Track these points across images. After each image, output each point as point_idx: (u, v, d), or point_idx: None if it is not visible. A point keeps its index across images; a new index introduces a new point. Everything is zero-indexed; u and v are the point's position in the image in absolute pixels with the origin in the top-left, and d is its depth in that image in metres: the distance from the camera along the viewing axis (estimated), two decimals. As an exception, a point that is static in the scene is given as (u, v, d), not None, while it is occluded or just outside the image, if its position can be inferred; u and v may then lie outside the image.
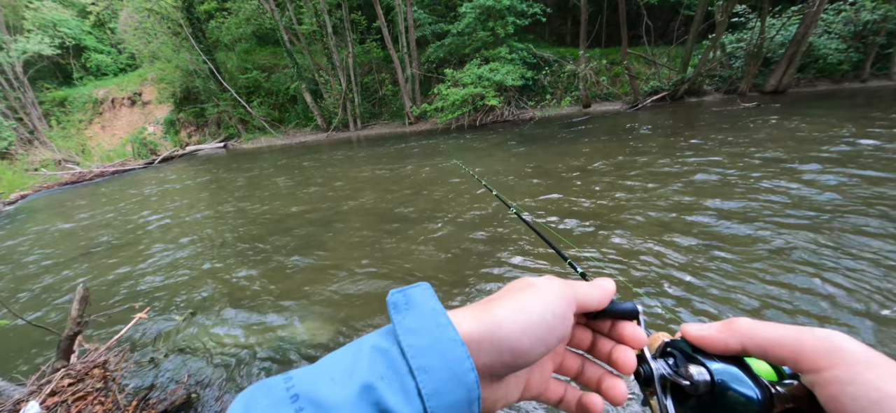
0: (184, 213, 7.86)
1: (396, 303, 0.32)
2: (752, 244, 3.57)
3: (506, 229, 4.56)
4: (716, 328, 0.35)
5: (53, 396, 2.48)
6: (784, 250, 3.39)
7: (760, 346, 0.32)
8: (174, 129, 20.09)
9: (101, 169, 15.88)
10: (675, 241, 3.79)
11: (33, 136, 20.28)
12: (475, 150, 10.22)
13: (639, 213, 4.55)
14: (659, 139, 8.43)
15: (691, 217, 4.30)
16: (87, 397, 2.51)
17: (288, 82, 18.71)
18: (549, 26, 17.18)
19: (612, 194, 5.30)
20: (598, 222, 4.45)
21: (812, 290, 2.85)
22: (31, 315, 4.17)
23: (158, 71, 19.41)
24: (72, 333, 2.86)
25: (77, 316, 2.88)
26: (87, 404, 2.45)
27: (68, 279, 5.17)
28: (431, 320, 0.31)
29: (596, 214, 4.73)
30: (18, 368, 3.37)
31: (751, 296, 2.88)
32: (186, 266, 4.89)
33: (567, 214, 4.84)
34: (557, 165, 7.33)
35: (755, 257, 3.35)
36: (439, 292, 3.48)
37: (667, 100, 13.51)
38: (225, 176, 11.62)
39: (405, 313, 0.31)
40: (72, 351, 2.92)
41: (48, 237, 7.49)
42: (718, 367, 0.34)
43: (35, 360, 3.48)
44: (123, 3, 20.12)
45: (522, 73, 14.26)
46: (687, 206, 4.63)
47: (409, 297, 0.33)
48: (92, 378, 2.70)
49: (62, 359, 2.85)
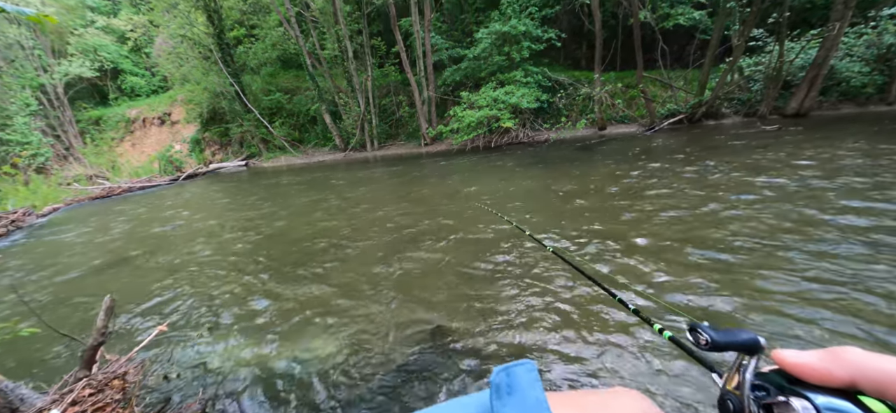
0: (202, 229, 8.10)
1: (499, 385, 0.30)
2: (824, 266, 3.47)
3: (528, 257, 4.53)
4: (817, 356, 0.30)
5: (74, 406, 2.53)
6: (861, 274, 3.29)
7: (876, 381, 0.27)
8: (199, 148, 20.87)
9: (129, 184, 16.55)
10: (726, 267, 3.72)
11: (69, 153, 21.35)
12: (489, 170, 10.30)
13: (670, 235, 4.48)
14: (679, 160, 8.35)
15: (737, 241, 4.22)
16: (105, 409, 2.54)
17: (309, 104, 19.36)
18: (564, 51, 17.45)
19: (637, 216, 5.26)
20: (624, 247, 4.39)
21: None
22: (37, 322, 4.30)
23: (188, 92, 20.37)
24: (96, 344, 2.91)
25: (102, 326, 2.92)
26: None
27: (90, 289, 5.35)
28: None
29: (620, 237, 4.68)
30: (38, 375, 3.46)
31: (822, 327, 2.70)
32: (204, 282, 4.99)
33: (590, 237, 4.80)
34: (574, 186, 7.32)
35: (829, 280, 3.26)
36: (460, 324, 3.47)
37: (684, 122, 13.44)
38: (244, 194, 11.95)
39: (507, 401, 0.29)
40: (94, 361, 2.98)
41: (75, 248, 7.79)
42: (825, 402, 0.28)
43: (50, 363, 3.58)
44: (160, 30, 21.34)
45: (537, 96, 14.44)
46: (724, 227, 4.56)
47: (513, 379, 0.31)
48: (111, 389, 2.75)
49: (84, 368, 2.90)
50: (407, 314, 3.56)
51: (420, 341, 3.15)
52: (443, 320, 3.39)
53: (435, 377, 2.74)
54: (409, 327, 3.36)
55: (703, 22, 14.56)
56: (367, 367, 2.93)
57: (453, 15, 19.07)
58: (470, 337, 3.11)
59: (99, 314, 2.89)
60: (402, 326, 3.38)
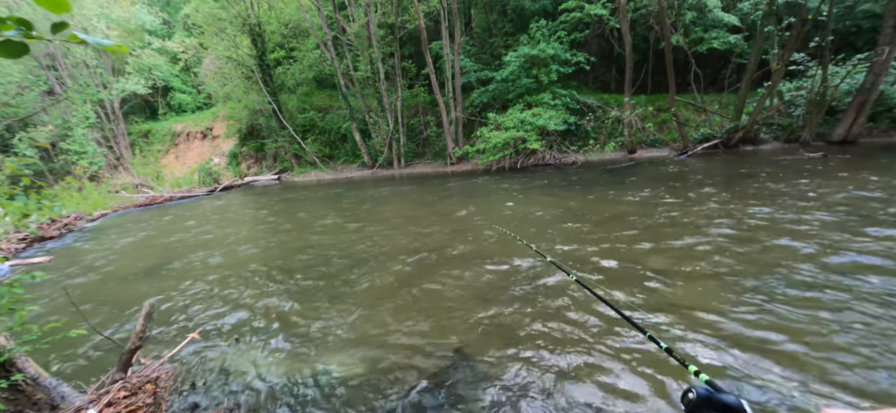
0: (234, 239, 8.43)
1: None
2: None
3: (551, 285, 4.46)
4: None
5: (109, 407, 2.66)
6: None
7: None
8: (236, 161, 21.93)
9: (170, 194, 17.54)
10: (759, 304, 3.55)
11: (119, 163, 22.93)
12: (514, 191, 10.25)
13: (702, 267, 4.30)
14: (713, 186, 8.05)
15: (773, 276, 4.02)
16: (137, 411, 2.67)
17: (340, 122, 20.07)
18: (593, 74, 17.36)
19: (665, 244, 5.09)
20: (660, 280, 4.25)
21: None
22: (85, 325, 4.56)
23: (229, 109, 21.59)
24: (133, 347, 3.05)
25: (140, 331, 3.07)
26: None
27: (129, 292, 5.65)
28: None
29: (655, 269, 4.54)
30: (73, 372, 3.66)
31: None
32: (233, 291, 5.17)
33: (622, 265, 4.68)
34: (601, 211, 7.17)
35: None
36: (481, 351, 3.44)
37: (719, 148, 12.97)
38: (276, 206, 12.41)
39: None
40: (130, 364, 3.11)
41: (118, 252, 8.29)
42: None
43: (87, 361, 3.78)
44: (208, 51, 22.87)
45: (565, 118, 14.37)
46: (765, 261, 4.35)
47: None
48: (144, 393, 2.86)
49: (121, 371, 3.04)
50: (427, 335, 3.56)
51: (440, 363, 3.14)
52: (464, 345, 3.36)
53: (455, 401, 2.71)
54: (429, 349, 3.35)
55: (739, 46, 14.17)
56: (385, 387, 2.93)
57: (482, 38, 19.45)
58: (493, 366, 3.07)
59: (138, 319, 3.05)
60: (423, 348, 3.38)
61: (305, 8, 18.74)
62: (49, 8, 0.93)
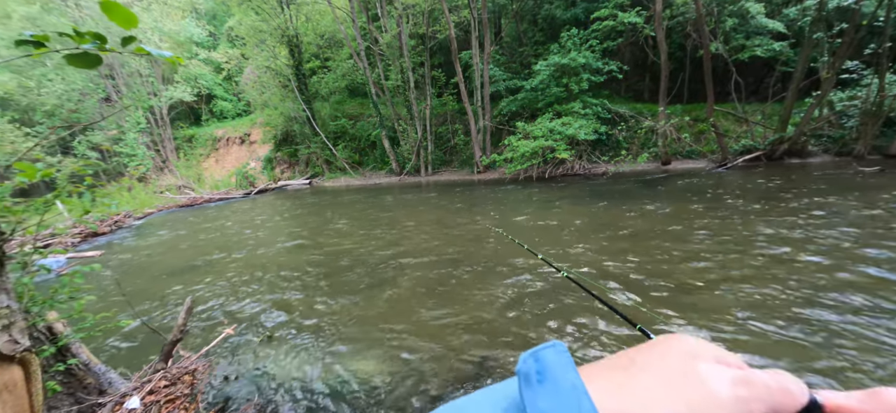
0: (267, 240, 8.75)
1: (527, 373, 0.26)
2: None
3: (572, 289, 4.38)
4: (858, 397, 0.29)
5: (151, 395, 2.80)
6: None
7: None
8: (271, 166, 22.85)
9: (209, 195, 18.49)
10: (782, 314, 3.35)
11: (165, 165, 24.40)
12: (541, 202, 10.11)
13: (744, 293, 4.10)
14: (756, 200, 7.64)
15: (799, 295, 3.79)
16: (176, 401, 2.79)
17: (370, 129, 20.57)
18: (626, 82, 16.95)
19: (712, 265, 4.88)
20: (681, 291, 4.09)
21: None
22: (133, 314, 4.85)
23: (266, 116, 22.61)
24: (175, 340, 3.20)
25: (182, 324, 3.21)
26: (174, 407, 2.73)
27: (170, 286, 5.97)
28: (572, 401, 0.24)
29: (672, 280, 4.37)
30: (105, 359, 3.88)
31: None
32: (267, 290, 5.37)
33: (655, 283, 4.53)
34: (631, 223, 6.96)
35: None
36: (506, 347, 3.42)
37: (762, 160, 12.30)
38: (307, 210, 12.80)
39: (538, 389, 0.25)
40: (171, 356, 3.26)
41: (162, 248, 8.79)
42: None
43: (114, 348, 4.01)
44: (249, 62, 24.11)
45: (596, 128, 14.09)
46: (816, 284, 4.10)
47: (543, 364, 0.26)
48: (182, 383, 3.00)
49: (162, 361, 3.19)
50: (452, 344, 3.55)
51: (465, 374, 3.13)
52: (490, 357, 3.34)
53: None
54: (454, 358, 3.35)
55: (785, 53, 13.44)
56: (410, 393, 2.95)
57: (512, 48, 19.45)
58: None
59: (180, 313, 3.23)
60: (448, 356, 3.38)
61: (340, 20, 19.43)
62: (119, 23, 1.02)
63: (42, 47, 0.97)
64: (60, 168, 3.56)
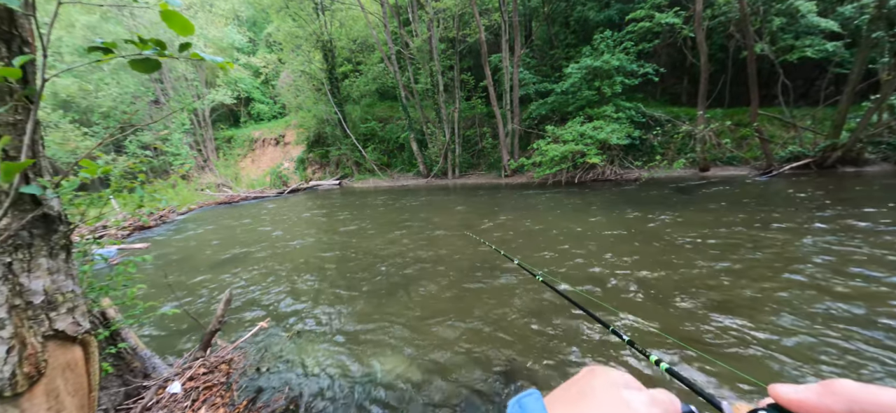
0: (298, 237, 9.03)
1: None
2: None
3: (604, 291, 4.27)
4: (814, 391, 0.31)
5: (191, 381, 2.95)
6: None
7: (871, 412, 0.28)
8: (303, 166, 23.60)
9: (245, 194, 19.31)
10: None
11: (206, 164, 25.70)
12: (569, 208, 9.90)
13: (791, 321, 3.87)
14: (806, 211, 7.17)
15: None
16: (213, 388, 2.92)
17: (399, 132, 20.88)
18: (662, 85, 16.36)
19: (743, 279, 4.63)
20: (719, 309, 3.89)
21: None
22: (178, 305, 5.11)
23: (300, 118, 23.41)
24: (214, 330, 3.36)
25: (220, 315, 3.37)
26: (211, 394, 2.84)
27: (209, 278, 6.26)
28: None
29: (739, 311, 4.17)
30: (151, 345, 4.09)
31: None
32: (298, 286, 5.54)
33: (697, 304, 4.35)
34: (665, 233, 6.69)
35: None
36: (530, 362, 3.37)
37: (812, 168, 11.51)
38: (338, 210, 13.12)
39: None
40: (210, 345, 3.44)
41: (202, 242, 9.25)
42: None
43: (150, 335, 4.22)
44: (285, 66, 25.08)
45: (629, 132, 13.66)
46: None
47: (525, 410, 0.34)
48: (219, 372, 3.14)
49: (201, 350, 3.36)
50: (477, 346, 3.54)
51: (488, 377, 3.11)
52: (515, 359, 3.30)
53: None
54: (478, 358, 3.34)
55: (839, 54, 12.54)
56: (433, 394, 2.97)
57: (543, 50, 19.22)
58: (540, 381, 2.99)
59: (220, 304, 3.40)
60: (473, 359, 3.37)
61: (373, 25, 19.87)
62: (177, 31, 1.10)
63: (110, 53, 1.05)
64: (115, 165, 3.86)
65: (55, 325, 1.23)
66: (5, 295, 1.11)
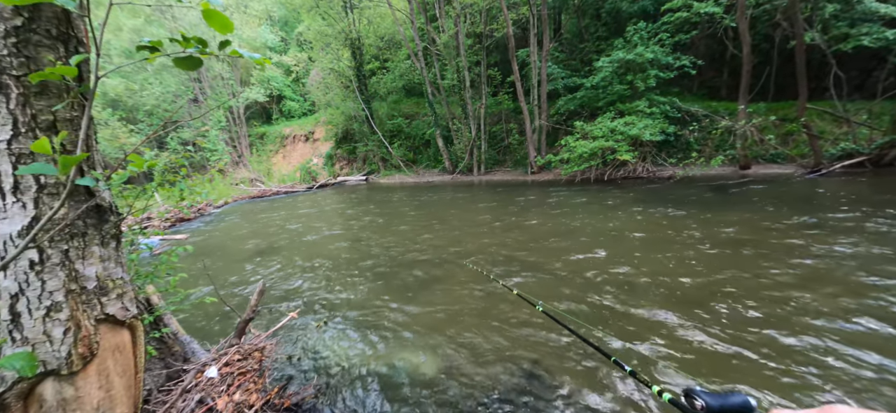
0: (327, 231, 9.24)
1: None
2: None
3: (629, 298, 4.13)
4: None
5: (226, 366, 3.07)
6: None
7: None
8: (331, 162, 24.15)
9: (276, 189, 19.99)
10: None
11: (240, 160, 26.75)
12: (598, 207, 9.64)
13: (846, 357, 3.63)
14: (864, 215, 6.68)
15: None
16: (246, 374, 2.99)
17: (425, 128, 20.98)
18: (700, 78, 15.61)
19: (788, 293, 4.37)
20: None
21: None
22: (213, 292, 5.33)
23: (329, 115, 23.96)
24: (248, 318, 3.49)
25: (255, 305, 3.49)
26: (245, 379, 2.92)
27: (243, 269, 6.51)
28: None
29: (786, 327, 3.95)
30: (189, 331, 4.27)
31: None
32: (327, 280, 5.67)
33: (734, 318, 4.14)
34: (704, 236, 6.40)
35: None
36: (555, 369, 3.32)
37: (866, 166, 10.68)
38: (365, 205, 13.34)
39: None
40: (244, 333, 3.62)
41: (233, 235, 9.63)
42: None
43: (206, 323, 4.41)
44: (315, 64, 25.71)
45: (663, 128, 13.13)
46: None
47: None
48: (252, 359, 3.24)
49: (236, 337, 3.51)
50: (500, 347, 3.52)
51: (509, 377, 3.08)
52: (539, 361, 3.26)
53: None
54: (502, 360, 3.31)
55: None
56: (457, 390, 2.97)
57: (572, 44, 18.75)
58: (566, 386, 2.92)
59: (254, 294, 3.53)
60: (496, 359, 3.35)
61: (400, 22, 20.00)
62: (217, 29, 1.13)
63: (156, 51, 1.10)
64: (158, 160, 4.14)
65: (106, 309, 1.30)
66: (62, 280, 1.19)
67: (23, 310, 1.16)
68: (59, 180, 1.18)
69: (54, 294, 1.18)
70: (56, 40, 1.15)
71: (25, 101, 1.10)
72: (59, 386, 1.22)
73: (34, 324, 1.16)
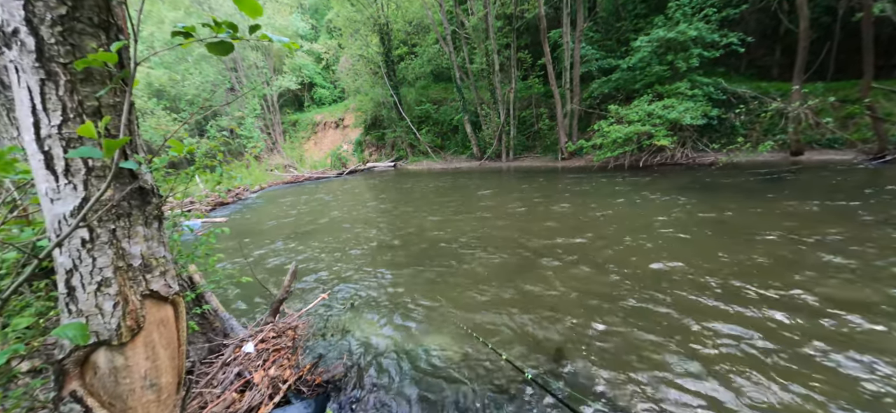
0: (357, 216, 9.42)
1: None
2: None
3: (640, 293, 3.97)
4: None
5: (262, 343, 3.22)
6: None
7: None
8: (361, 148, 24.53)
9: (308, 174, 20.59)
10: None
11: (274, 147, 27.67)
12: (634, 197, 9.27)
13: None
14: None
15: None
16: (281, 351, 3.14)
17: (453, 114, 20.82)
18: (748, 57, 14.51)
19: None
20: None
21: None
22: (250, 273, 5.56)
23: (358, 102, 24.25)
24: (282, 298, 3.65)
25: (288, 285, 3.66)
26: (279, 356, 3.06)
27: (278, 251, 6.76)
28: None
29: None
30: (227, 309, 4.48)
31: None
32: (356, 263, 5.81)
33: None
34: (753, 228, 6.03)
35: None
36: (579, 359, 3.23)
37: (941, 152, 9.65)
38: (392, 190, 13.49)
39: None
40: (278, 312, 3.76)
41: (269, 218, 10.01)
42: None
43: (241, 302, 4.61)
44: (344, 51, 25.99)
45: (705, 111, 12.35)
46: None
47: None
48: (286, 337, 3.39)
49: (271, 316, 3.66)
50: (528, 328, 3.49)
51: (539, 356, 3.05)
52: (563, 349, 3.21)
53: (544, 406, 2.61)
54: (529, 343, 3.29)
55: None
56: (482, 374, 2.97)
57: (608, 23, 17.87)
58: (588, 377, 2.86)
59: (287, 276, 3.67)
60: (523, 341, 3.33)
61: (428, 5, 19.76)
62: (247, 13, 1.14)
63: (190, 37, 1.13)
64: (198, 146, 4.38)
65: (150, 285, 1.38)
66: (111, 257, 1.26)
67: (77, 284, 1.24)
68: (104, 163, 1.24)
69: (104, 270, 1.25)
70: (98, 28, 1.20)
71: (72, 88, 1.16)
72: (111, 355, 1.31)
73: (87, 297, 1.25)
